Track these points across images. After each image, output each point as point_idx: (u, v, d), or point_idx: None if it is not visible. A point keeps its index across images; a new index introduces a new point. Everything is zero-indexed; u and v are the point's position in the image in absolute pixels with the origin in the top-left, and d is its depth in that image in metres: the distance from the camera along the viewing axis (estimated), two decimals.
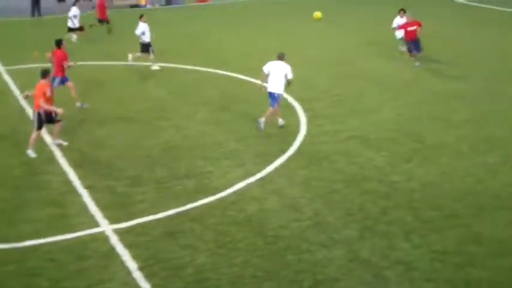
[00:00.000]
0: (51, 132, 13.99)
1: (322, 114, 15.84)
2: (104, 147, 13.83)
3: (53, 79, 15.33)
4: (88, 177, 12.24)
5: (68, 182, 12.09)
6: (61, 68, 16.18)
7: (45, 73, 13.51)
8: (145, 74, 19.69)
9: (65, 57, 16.19)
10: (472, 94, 17.32)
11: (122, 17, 29.20)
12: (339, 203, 11.20)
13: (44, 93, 13.16)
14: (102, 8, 25.86)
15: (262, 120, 14.62)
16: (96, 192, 11.61)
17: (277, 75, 14.46)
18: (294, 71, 14.58)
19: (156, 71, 19.96)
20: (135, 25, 20.38)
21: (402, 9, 21.05)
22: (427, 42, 20.54)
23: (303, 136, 14.34)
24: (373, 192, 11.57)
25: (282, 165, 12.79)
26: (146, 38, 20.00)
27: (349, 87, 18.08)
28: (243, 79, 18.78)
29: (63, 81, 16.22)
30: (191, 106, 16.59)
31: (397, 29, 20.62)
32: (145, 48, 19.99)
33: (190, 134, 14.65)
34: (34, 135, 13.35)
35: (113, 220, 10.58)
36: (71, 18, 24.51)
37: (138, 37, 20.02)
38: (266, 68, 14.59)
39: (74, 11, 24.58)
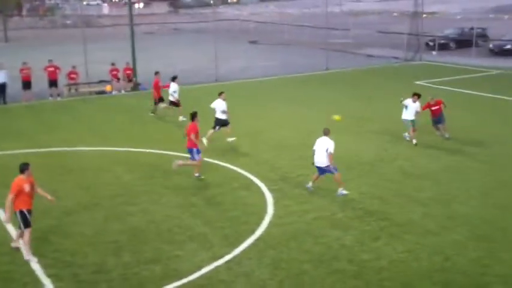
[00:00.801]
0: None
1: (288, 194, 15.91)
2: (69, 235, 13.60)
3: None
4: (52, 266, 11.98)
5: (31, 272, 11.80)
6: None
7: (24, 166, 12.79)
8: (114, 159, 19.65)
9: None
10: (436, 174, 17.63)
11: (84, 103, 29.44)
12: (309, 284, 11.11)
13: (22, 190, 12.59)
14: (157, 87, 26.08)
15: (310, 184, 16.08)
16: (60, 281, 11.34)
17: (320, 149, 15.61)
18: (262, 152, 14.74)
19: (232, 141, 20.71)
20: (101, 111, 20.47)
21: (416, 94, 20.81)
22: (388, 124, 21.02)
23: (270, 216, 14.34)
24: (343, 272, 11.53)
25: (249, 247, 12.71)
26: (221, 115, 20.55)
27: (314, 168, 18.27)
28: (213, 163, 18.82)
29: None
30: (159, 189, 16.53)
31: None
32: (220, 122, 20.64)
33: (157, 217, 14.53)
34: (26, 236, 12.51)
35: None
36: (171, 94, 25.10)
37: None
38: (315, 145, 15.78)
39: (174, 87, 25.15)
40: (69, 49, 40.35)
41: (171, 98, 25.41)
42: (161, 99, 26.10)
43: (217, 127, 20.89)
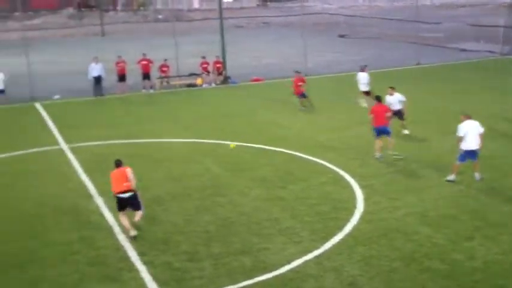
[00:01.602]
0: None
1: (379, 191, 15.67)
2: (160, 223, 13.97)
3: None
4: (146, 253, 12.34)
5: (126, 258, 12.20)
6: None
7: (119, 163, 13.68)
8: (203, 151, 20.02)
9: None
10: None
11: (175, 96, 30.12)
12: (399, 282, 10.93)
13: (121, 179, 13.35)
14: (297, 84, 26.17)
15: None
16: (154, 268, 11.67)
17: (474, 132, 15.55)
18: (352, 148, 14.55)
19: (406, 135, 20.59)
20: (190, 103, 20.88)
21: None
22: None
23: (360, 212, 14.19)
24: (434, 271, 11.26)
25: (339, 243, 12.61)
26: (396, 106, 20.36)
27: (409, 164, 17.93)
28: (300, 156, 18.84)
29: None
30: (247, 182, 16.70)
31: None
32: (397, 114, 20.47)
33: (246, 210, 14.69)
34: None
35: None
36: (363, 83, 25.43)
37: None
38: (462, 130, 15.57)
39: (363, 76, 25.49)
40: (161, 43, 41.42)
41: (363, 88, 25.31)
42: (303, 95, 25.91)
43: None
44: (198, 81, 33.54)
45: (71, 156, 19.64)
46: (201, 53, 34.61)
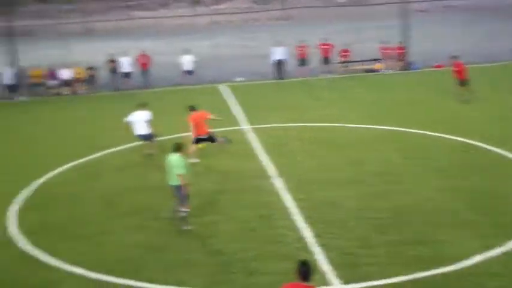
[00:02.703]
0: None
1: None
2: (337, 207, 14.13)
3: None
4: (321, 236, 12.56)
5: (302, 239, 12.53)
6: None
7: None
8: (382, 138, 19.85)
9: None
10: None
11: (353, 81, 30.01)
12: None
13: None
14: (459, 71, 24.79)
15: None
16: (329, 251, 11.85)
17: None
18: None
19: None
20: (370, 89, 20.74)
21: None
22: None
23: None
24: None
25: None
26: None
27: None
28: (481, 146, 18.02)
29: None
30: (424, 171, 16.31)
31: None
32: None
33: (422, 200, 14.37)
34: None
35: (344, 280, 10.71)
36: None
37: None
38: None
39: None
40: (343, 27, 41.44)
41: None
42: (463, 82, 24.54)
43: None
44: (378, 66, 33.17)
45: (252, 136, 20.41)
46: (383, 38, 34.14)
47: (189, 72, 32.03)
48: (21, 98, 31.05)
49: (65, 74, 31.50)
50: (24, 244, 12.95)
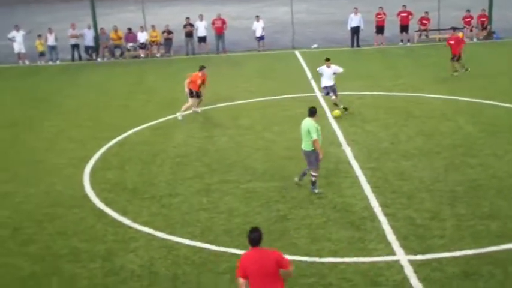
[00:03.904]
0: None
1: None
2: (407, 178, 13.88)
3: None
4: (389, 206, 12.42)
5: (369, 208, 12.41)
6: None
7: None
8: (457, 109, 19.30)
9: None
10: None
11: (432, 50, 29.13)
12: None
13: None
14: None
15: None
16: (395, 221, 11.71)
17: None
18: None
19: None
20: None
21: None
22: None
23: None
24: None
25: None
26: None
27: None
28: None
29: None
30: (502, 144, 15.77)
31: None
32: None
33: (498, 174, 13.91)
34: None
35: (409, 251, 10.57)
36: None
37: None
38: None
39: None
40: None
41: None
42: (454, 57, 23.84)
43: None
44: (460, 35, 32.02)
45: (324, 105, 20.23)
46: (467, 6, 32.92)
47: (261, 38, 31.97)
48: (100, 60, 31.88)
49: (142, 37, 32.05)
50: (98, 202, 13.42)
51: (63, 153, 16.83)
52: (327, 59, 19.22)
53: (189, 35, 31.95)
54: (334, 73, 19.05)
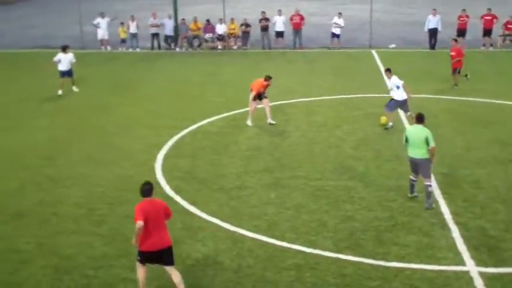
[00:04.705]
0: None
1: None
2: (480, 187, 13.49)
3: None
4: (460, 214, 12.11)
5: (439, 214, 12.14)
6: None
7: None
8: None
9: None
10: None
11: None
12: None
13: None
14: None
15: None
16: (467, 231, 11.40)
17: None
18: None
19: None
20: None
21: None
22: None
23: None
24: None
25: None
26: None
27: None
28: None
29: None
30: None
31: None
32: None
33: None
34: None
35: (480, 263, 10.28)
36: None
37: None
38: None
39: None
40: None
41: None
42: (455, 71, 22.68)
43: None
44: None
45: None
46: None
47: (337, 36, 31.68)
48: (178, 49, 32.38)
49: (221, 29, 32.35)
50: (168, 189, 13.67)
51: (137, 139, 17.21)
52: (387, 70, 18.09)
53: (265, 29, 32.02)
54: (397, 86, 17.39)
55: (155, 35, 32.46)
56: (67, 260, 10.71)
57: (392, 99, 17.62)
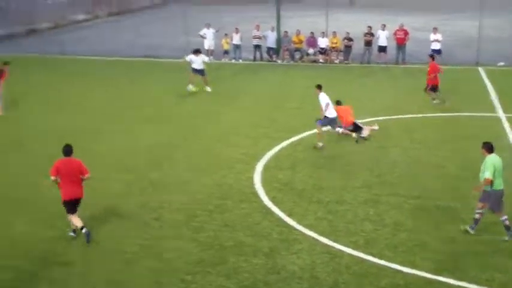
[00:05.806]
0: None
1: None
2: None
3: None
4: None
5: None
6: None
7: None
8: None
9: None
10: None
11: None
12: None
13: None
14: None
15: None
16: None
17: None
18: None
19: None
20: None
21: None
22: None
23: None
24: None
25: None
26: None
27: None
28: None
29: None
30: None
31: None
32: None
33: None
34: None
35: None
36: None
37: None
38: None
39: None
40: None
41: None
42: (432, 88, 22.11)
43: None
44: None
45: (507, 126, 19.16)
46: None
47: (438, 52, 30.69)
48: (280, 62, 32.64)
49: (323, 42, 32.33)
50: (266, 200, 13.82)
51: (237, 149, 17.51)
52: (318, 86, 18.39)
53: (369, 43, 31.72)
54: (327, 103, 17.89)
55: (257, 47, 32.92)
56: (166, 264, 11.05)
57: (326, 116, 17.73)
